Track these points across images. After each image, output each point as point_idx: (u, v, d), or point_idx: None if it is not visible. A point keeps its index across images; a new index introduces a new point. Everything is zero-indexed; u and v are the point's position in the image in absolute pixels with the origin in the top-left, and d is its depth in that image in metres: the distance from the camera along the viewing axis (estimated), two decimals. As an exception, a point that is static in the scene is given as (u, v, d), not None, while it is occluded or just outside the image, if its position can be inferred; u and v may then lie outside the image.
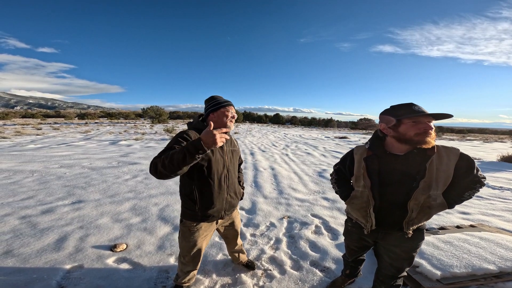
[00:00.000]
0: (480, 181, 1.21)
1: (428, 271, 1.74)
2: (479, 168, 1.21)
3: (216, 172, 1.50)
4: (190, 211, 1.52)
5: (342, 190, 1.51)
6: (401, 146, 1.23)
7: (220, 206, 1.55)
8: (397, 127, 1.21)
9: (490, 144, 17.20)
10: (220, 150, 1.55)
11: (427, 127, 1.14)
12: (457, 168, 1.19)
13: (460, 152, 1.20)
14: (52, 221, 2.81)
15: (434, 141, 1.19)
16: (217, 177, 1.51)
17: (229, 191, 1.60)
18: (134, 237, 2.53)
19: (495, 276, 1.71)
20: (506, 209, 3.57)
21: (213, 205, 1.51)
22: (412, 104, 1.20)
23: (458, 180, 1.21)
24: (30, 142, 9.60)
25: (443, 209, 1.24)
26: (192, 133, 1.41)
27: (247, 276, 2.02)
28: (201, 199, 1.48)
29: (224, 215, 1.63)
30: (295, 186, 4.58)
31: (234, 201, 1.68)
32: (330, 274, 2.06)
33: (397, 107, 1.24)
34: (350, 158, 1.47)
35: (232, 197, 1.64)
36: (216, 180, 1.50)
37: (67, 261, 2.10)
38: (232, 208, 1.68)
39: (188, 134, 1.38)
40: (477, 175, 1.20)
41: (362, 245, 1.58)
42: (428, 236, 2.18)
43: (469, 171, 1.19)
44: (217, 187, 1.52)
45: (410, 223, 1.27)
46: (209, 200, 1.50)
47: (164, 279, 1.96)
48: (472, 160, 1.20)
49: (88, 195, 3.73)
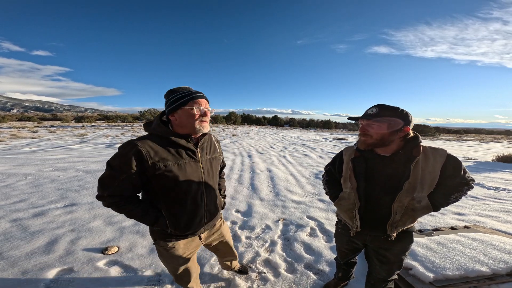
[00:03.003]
0: (468, 184, 1.17)
1: (421, 274, 1.71)
2: (467, 170, 1.19)
3: (189, 191, 1.18)
4: (160, 229, 1.21)
5: (331, 192, 1.49)
6: (387, 147, 1.21)
7: (197, 224, 1.27)
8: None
9: (486, 144, 17.32)
10: (193, 162, 1.19)
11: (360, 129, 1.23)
12: (444, 169, 1.16)
13: (447, 153, 1.17)
14: (43, 224, 2.78)
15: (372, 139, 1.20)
16: (191, 195, 1.20)
17: (207, 208, 1.31)
18: (126, 240, 2.50)
19: (488, 278, 1.69)
20: (501, 209, 3.57)
21: (187, 225, 1.23)
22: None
23: (445, 182, 1.19)
24: (25, 145, 9.52)
25: (428, 211, 1.21)
26: (145, 146, 1.06)
27: (241, 279, 1.99)
28: (171, 221, 1.18)
29: (205, 230, 1.37)
30: (292, 188, 4.56)
31: (215, 214, 1.40)
32: (323, 277, 2.04)
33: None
34: (339, 159, 1.45)
35: (212, 212, 1.36)
36: (190, 199, 1.20)
37: (56, 264, 2.08)
38: (213, 221, 1.40)
39: (139, 152, 1.03)
40: (465, 177, 1.17)
41: (352, 248, 1.56)
42: (422, 238, 2.17)
43: (456, 173, 1.16)
44: (193, 206, 1.22)
45: (394, 226, 1.24)
46: (181, 220, 1.20)
47: (155, 281, 1.93)
48: (460, 162, 1.18)
49: (81, 198, 3.69)
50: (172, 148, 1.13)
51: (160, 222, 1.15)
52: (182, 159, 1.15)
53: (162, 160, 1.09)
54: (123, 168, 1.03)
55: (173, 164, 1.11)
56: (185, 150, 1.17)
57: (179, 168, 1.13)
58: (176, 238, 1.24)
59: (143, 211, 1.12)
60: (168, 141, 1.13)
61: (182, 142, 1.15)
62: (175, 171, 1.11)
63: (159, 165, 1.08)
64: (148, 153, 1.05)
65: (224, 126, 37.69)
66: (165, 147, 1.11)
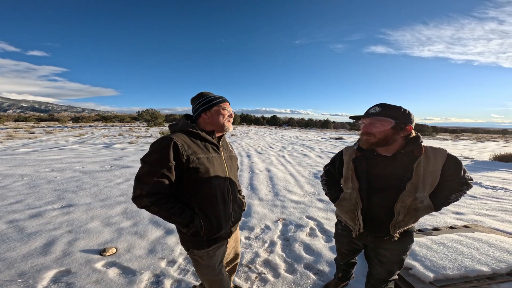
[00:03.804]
0: (467, 183, 1.18)
1: (421, 274, 1.71)
2: (466, 169, 1.19)
3: (218, 186, 1.21)
4: (194, 237, 1.20)
5: (331, 192, 1.47)
6: (389, 147, 1.20)
7: (226, 224, 1.27)
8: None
9: (483, 143, 17.45)
10: (218, 157, 1.26)
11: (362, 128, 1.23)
12: (444, 169, 1.16)
13: (448, 153, 1.17)
14: (40, 225, 2.74)
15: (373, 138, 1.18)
16: (220, 191, 1.22)
17: (233, 206, 1.33)
18: (124, 241, 2.48)
19: (489, 278, 1.68)
20: (499, 208, 3.58)
21: (219, 225, 1.22)
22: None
23: (445, 182, 1.19)
24: (22, 145, 9.45)
25: (430, 211, 1.21)
26: (179, 139, 1.11)
27: (241, 279, 1.98)
28: (206, 222, 1.17)
29: (231, 233, 1.37)
30: (291, 188, 4.56)
31: (239, 215, 1.41)
32: (323, 277, 2.03)
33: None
34: (339, 159, 1.43)
35: (237, 212, 1.38)
36: (220, 195, 1.22)
37: (54, 266, 2.05)
38: (237, 223, 1.42)
39: (175, 145, 1.07)
40: (464, 177, 1.18)
41: (352, 248, 1.55)
42: (422, 237, 2.17)
43: (456, 172, 1.17)
44: (222, 203, 1.23)
45: (397, 226, 1.24)
46: (215, 221, 1.20)
47: (154, 283, 1.91)
48: (460, 162, 1.18)
49: (78, 199, 3.66)
50: (200, 142, 1.20)
51: (196, 221, 1.13)
52: (210, 153, 1.21)
53: (194, 153, 1.13)
54: (161, 162, 1.04)
55: (204, 158, 1.17)
56: (211, 145, 1.24)
57: (209, 161, 1.18)
58: (208, 244, 1.22)
59: (180, 209, 1.10)
60: (196, 136, 1.20)
61: (209, 137, 1.23)
62: (206, 164, 1.16)
63: (193, 158, 1.12)
64: (183, 146, 1.10)
65: (223, 126, 37.60)
66: (194, 142, 1.18)
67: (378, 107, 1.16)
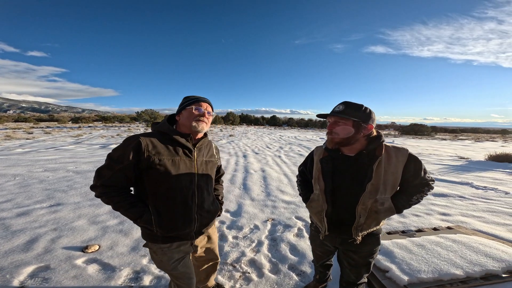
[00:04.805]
0: (428, 184, 1.16)
1: (396, 277, 1.69)
2: (427, 170, 1.17)
3: (180, 188, 1.19)
4: (147, 230, 1.21)
5: (304, 193, 1.45)
6: (352, 147, 1.17)
7: (186, 228, 1.24)
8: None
9: (481, 143, 17.41)
10: (188, 160, 1.23)
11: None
12: (405, 170, 1.14)
13: (409, 152, 1.15)
14: (26, 223, 2.77)
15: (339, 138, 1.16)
16: (182, 194, 1.20)
17: (198, 210, 1.28)
18: (108, 239, 2.50)
19: (462, 282, 1.66)
20: (487, 209, 3.56)
21: (173, 225, 1.20)
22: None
23: (407, 183, 1.17)
24: (19, 146, 9.46)
25: (391, 214, 1.18)
26: (146, 139, 1.14)
27: (224, 278, 1.99)
28: (159, 220, 1.16)
29: (195, 236, 1.32)
30: (283, 188, 4.56)
31: (207, 220, 1.36)
32: (305, 278, 2.03)
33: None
34: (310, 160, 1.41)
35: (204, 216, 1.32)
36: (180, 198, 1.20)
37: (33, 262, 2.07)
38: (205, 227, 1.36)
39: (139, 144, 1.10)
40: (425, 178, 1.15)
41: (325, 250, 1.52)
42: (403, 239, 2.16)
43: (417, 173, 1.14)
44: (182, 205, 1.21)
45: (359, 229, 1.20)
46: (168, 221, 1.18)
47: (133, 279, 1.92)
48: (420, 162, 1.16)
49: (68, 198, 3.67)
50: (171, 145, 1.21)
51: (145, 217, 1.14)
52: (178, 156, 1.21)
53: (157, 154, 1.15)
54: (121, 159, 1.09)
55: (168, 159, 1.17)
56: (182, 148, 1.24)
57: (173, 163, 1.17)
58: (163, 240, 1.21)
59: (130, 204, 1.13)
60: (168, 138, 1.21)
61: (182, 140, 1.22)
62: (168, 166, 1.16)
63: (153, 158, 1.13)
64: (147, 146, 1.13)
65: (222, 127, 37.66)
66: (165, 143, 1.19)
67: (342, 105, 1.14)
